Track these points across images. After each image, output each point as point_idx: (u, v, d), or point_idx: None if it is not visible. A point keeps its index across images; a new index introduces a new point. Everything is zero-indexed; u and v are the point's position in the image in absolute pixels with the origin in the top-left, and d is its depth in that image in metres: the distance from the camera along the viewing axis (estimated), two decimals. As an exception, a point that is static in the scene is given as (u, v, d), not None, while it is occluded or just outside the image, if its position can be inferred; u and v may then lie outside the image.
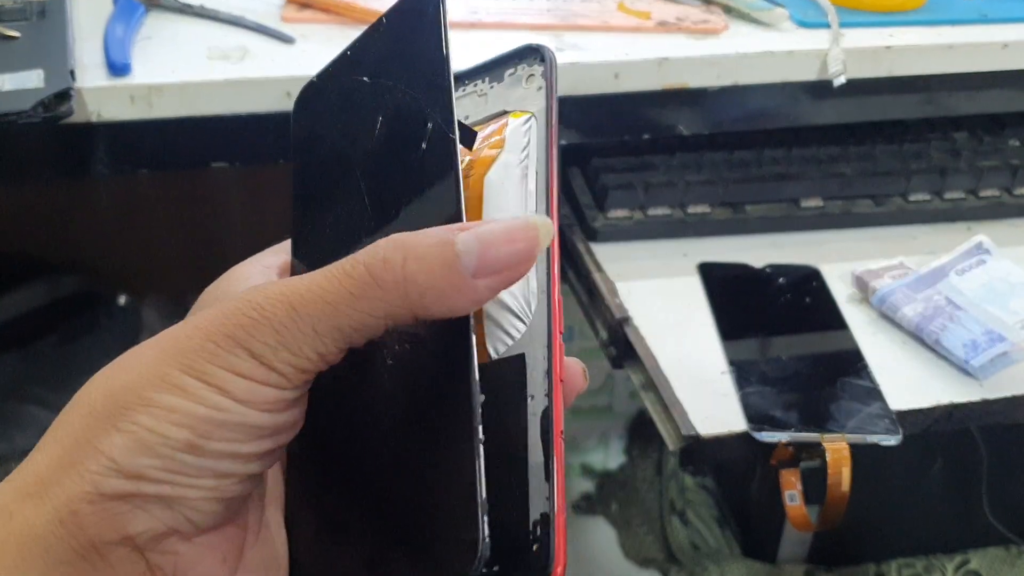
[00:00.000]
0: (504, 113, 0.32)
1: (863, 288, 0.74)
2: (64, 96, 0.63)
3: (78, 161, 0.70)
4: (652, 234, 0.80)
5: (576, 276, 0.80)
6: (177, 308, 1.15)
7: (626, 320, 0.70)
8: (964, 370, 0.66)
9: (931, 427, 0.65)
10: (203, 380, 0.25)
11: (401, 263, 0.25)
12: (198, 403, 0.25)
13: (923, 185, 0.84)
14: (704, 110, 0.77)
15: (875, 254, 0.78)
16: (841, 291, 0.75)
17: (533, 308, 0.28)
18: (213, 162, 0.73)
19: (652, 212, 0.81)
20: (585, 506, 1.09)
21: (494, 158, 0.31)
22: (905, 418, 0.63)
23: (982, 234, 0.76)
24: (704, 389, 0.65)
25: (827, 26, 0.78)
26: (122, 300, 1.07)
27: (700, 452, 0.61)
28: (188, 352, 0.25)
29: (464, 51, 0.73)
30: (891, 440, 0.61)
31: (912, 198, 0.84)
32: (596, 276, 0.76)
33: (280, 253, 0.33)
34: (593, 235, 0.80)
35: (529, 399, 0.27)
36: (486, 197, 0.30)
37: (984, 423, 0.66)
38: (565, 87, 0.73)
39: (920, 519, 1.03)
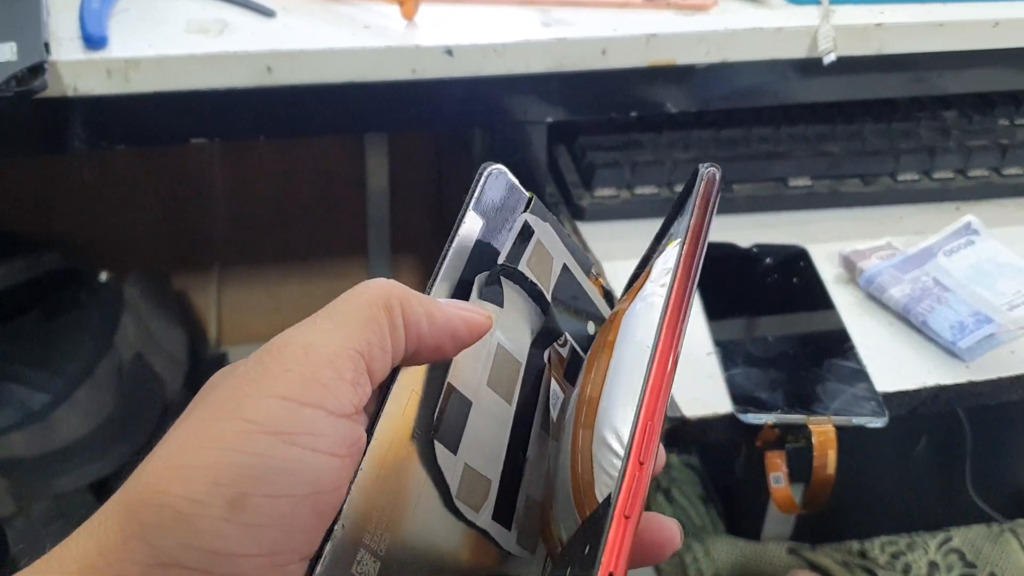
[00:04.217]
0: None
1: (850, 268, 0.73)
2: (38, 70, 0.61)
3: (54, 136, 0.69)
4: (639, 213, 0.80)
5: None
6: (159, 284, 1.13)
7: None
8: (951, 352, 0.66)
9: (917, 408, 0.65)
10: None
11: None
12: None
13: (912, 164, 0.83)
14: (692, 87, 0.76)
15: (863, 234, 0.77)
16: (828, 271, 0.74)
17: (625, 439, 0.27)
18: (192, 138, 0.72)
19: (639, 191, 0.80)
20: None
21: (636, 291, 0.31)
22: (891, 400, 0.63)
23: (971, 214, 0.76)
24: (689, 370, 0.65)
25: (817, 3, 0.77)
26: (103, 276, 1.06)
27: (685, 434, 0.61)
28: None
29: (450, 27, 0.72)
30: (877, 422, 0.60)
31: (901, 178, 0.84)
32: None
33: None
34: (580, 214, 0.79)
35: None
36: (620, 333, 0.31)
37: (970, 404, 0.66)
38: (550, 64, 0.72)
39: (904, 497, 1.03)
